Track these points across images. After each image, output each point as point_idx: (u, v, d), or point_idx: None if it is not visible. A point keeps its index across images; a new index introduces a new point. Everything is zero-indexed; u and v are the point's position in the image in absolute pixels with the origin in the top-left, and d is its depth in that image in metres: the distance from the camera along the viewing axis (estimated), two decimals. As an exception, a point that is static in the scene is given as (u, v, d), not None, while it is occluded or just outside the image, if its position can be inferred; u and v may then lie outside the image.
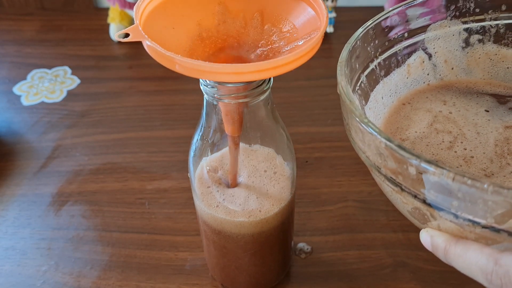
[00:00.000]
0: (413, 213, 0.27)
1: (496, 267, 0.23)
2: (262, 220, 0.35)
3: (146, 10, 0.30)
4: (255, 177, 0.36)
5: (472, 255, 0.24)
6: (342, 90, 0.27)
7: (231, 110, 0.32)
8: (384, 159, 0.25)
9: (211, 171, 0.36)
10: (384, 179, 0.26)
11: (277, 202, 0.36)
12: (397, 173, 0.24)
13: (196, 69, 0.26)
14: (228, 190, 0.36)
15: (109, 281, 0.44)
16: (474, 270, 0.24)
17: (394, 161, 0.24)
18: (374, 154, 0.25)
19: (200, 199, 0.36)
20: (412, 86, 0.36)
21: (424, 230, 0.27)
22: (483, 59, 0.37)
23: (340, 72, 0.28)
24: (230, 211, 0.35)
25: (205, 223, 0.38)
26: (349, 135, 0.29)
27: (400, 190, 0.25)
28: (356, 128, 0.26)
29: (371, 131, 0.24)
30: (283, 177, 0.36)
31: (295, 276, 0.45)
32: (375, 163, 0.26)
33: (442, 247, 0.25)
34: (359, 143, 0.27)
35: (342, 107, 0.28)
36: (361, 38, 0.31)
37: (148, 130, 0.61)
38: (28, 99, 0.67)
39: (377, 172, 0.26)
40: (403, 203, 0.27)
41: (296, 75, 0.67)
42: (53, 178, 0.55)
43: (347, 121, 0.28)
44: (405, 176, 0.24)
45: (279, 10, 0.32)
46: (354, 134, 0.27)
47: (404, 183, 0.24)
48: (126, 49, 0.77)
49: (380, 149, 0.24)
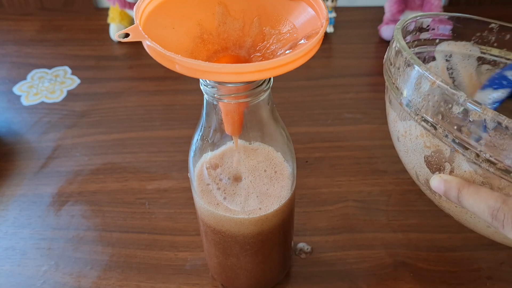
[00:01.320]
0: (431, 157, 0.31)
1: (503, 205, 0.26)
2: (262, 217, 0.35)
3: (146, 10, 0.30)
4: (255, 175, 0.36)
5: (483, 194, 0.27)
6: (400, 43, 0.32)
7: (231, 110, 0.32)
8: (428, 100, 0.29)
9: (211, 168, 0.36)
10: (420, 120, 0.30)
11: (277, 200, 0.36)
12: (437, 113, 0.29)
13: (196, 69, 0.26)
14: (228, 188, 0.36)
15: (109, 281, 0.44)
16: (482, 207, 0.27)
17: (442, 100, 0.28)
18: (418, 97, 0.30)
19: (200, 197, 0.36)
20: None
21: (436, 175, 0.30)
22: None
23: (397, 33, 0.34)
24: (230, 209, 0.35)
25: (205, 222, 0.38)
26: (390, 85, 0.33)
27: (434, 130, 0.29)
28: (404, 73, 0.31)
29: (422, 71, 0.29)
30: (283, 176, 0.36)
31: (295, 276, 0.45)
32: (417, 105, 0.30)
33: (456, 188, 0.29)
34: (404, 90, 0.31)
35: (392, 60, 0.33)
36: (408, 24, 0.37)
37: (148, 130, 0.61)
38: (28, 99, 0.67)
39: (414, 115, 0.30)
40: (425, 148, 0.31)
41: (296, 75, 0.67)
42: (53, 178, 0.55)
43: (395, 70, 0.32)
44: (444, 115, 0.28)
45: (279, 10, 0.32)
46: (401, 82, 0.32)
47: (442, 123, 0.28)
48: (126, 49, 0.77)
49: (428, 89, 0.29)
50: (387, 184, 0.53)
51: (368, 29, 0.80)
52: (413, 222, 0.49)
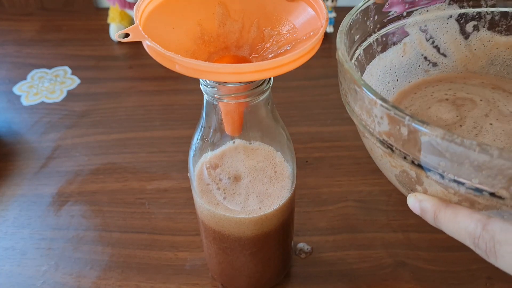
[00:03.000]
0: (400, 177, 0.27)
1: (483, 232, 0.23)
2: (262, 217, 0.35)
3: (146, 10, 0.30)
4: (255, 174, 0.36)
5: (462, 219, 0.24)
6: (340, 55, 0.28)
7: (231, 110, 0.32)
8: (377, 120, 0.25)
9: (211, 168, 0.36)
10: (376, 141, 0.27)
11: (276, 200, 0.36)
12: (389, 134, 0.25)
13: (196, 69, 0.26)
14: (228, 188, 0.36)
15: (109, 281, 0.44)
16: (463, 234, 0.24)
17: (388, 121, 0.25)
18: (368, 117, 0.26)
19: (200, 197, 0.36)
20: (407, 68, 0.37)
21: (412, 195, 0.27)
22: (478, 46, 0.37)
23: (340, 40, 0.29)
24: (230, 209, 0.35)
25: (205, 222, 0.38)
26: (344, 100, 0.30)
27: (390, 152, 0.26)
28: (352, 91, 0.27)
29: (367, 92, 0.25)
30: (283, 175, 0.36)
31: (295, 276, 0.45)
32: (368, 125, 0.27)
33: (432, 211, 0.26)
34: (354, 107, 0.28)
35: (339, 74, 0.29)
36: (362, 12, 0.33)
37: (148, 130, 0.61)
38: (28, 99, 0.67)
39: (369, 135, 0.27)
40: (392, 167, 0.28)
41: (296, 75, 0.67)
42: (53, 178, 0.55)
43: (344, 86, 0.29)
44: (396, 137, 0.25)
45: (279, 10, 0.32)
46: (350, 98, 0.28)
47: (395, 144, 0.25)
48: (126, 49, 0.77)
49: (375, 110, 0.25)
50: (387, 184, 0.53)
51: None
52: (413, 222, 0.49)
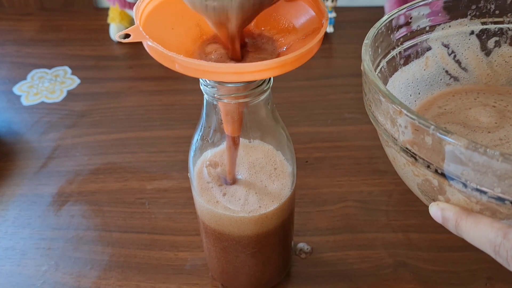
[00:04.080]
0: (423, 186, 0.28)
1: (504, 240, 0.24)
2: (262, 216, 0.35)
3: (145, 11, 0.30)
4: (254, 173, 0.36)
5: (483, 228, 0.25)
6: (366, 66, 0.29)
7: (231, 110, 0.32)
8: (402, 130, 0.26)
9: (211, 166, 0.36)
10: (399, 151, 0.27)
11: (276, 198, 0.36)
12: (413, 143, 0.26)
13: (196, 68, 0.26)
14: (228, 186, 0.36)
15: (109, 281, 0.44)
16: (484, 242, 0.25)
17: (412, 131, 0.25)
18: (392, 126, 0.27)
19: (200, 196, 0.36)
20: (429, 81, 0.37)
21: (434, 204, 0.28)
22: (499, 61, 0.38)
23: (365, 52, 0.30)
24: (230, 207, 0.35)
25: (205, 221, 0.38)
26: (368, 110, 0.30)
27: (414, 161, 0.27)
28: (377, 101, 0.28)
29: (392, 102, 0.26)
30: (283, 173, 0.36)
31: (295, 276, 0.45)
32: (392, 134, 0.27)
33: (453, 219, 0.27)
34: (378, 116, 0.29)
35: (364, 84, 0.30)
36: (386, 25, 0.33)
37: (148, 130, 0.61)
38: (28, 99, 0.67)
39: (393, 144, 0.28)
40: (414, 176, 0.28)
41: (296, 75, 0.67)
42: (53, 178, 0.55)
43: (368, 96, 0.29)
44: (420, 146, 0.25)
45: (279, 10, 0.32)
46: (374, 108, 0.29)
47: (419, 153, 0.26)
48: (126, 49, 0.77)
49: (399, 120, 0.26)
50: (388, 184, 0.53)
51: (368, 29, 0.79)
52: (414, 222, 0.49)
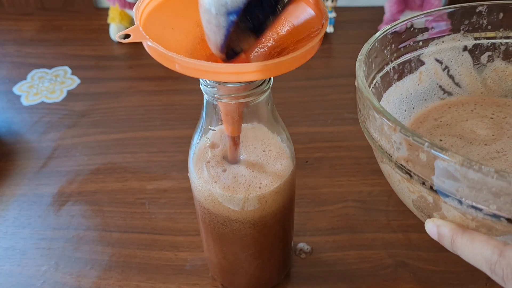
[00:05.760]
0: (418, 202, 0.28)
1: (500, 258, 0.23)
2: (260, 197, 0.35)
3: (145, 11, 0.30)
4: (255, 154, 0.36)
5: (478, 245, 0.25)
6: (360, 82, 0.29)
7: (231, 110, 0.32)
8: (396, 146, 0.26)
9: (211, 147, 0.36)
10: (394, 167, 0.27)
11: (276, 179, 0.35)
12: (408, 160, 0.26)
13: (196, 68, 0.26)
14: (227, 167, 0.35)
15: (109, 281, 0.44)
16: (479, 260, 0.24)
17: (407, 147, 0.25)
18: (387, 142, 0.27)
19: (197, 177, 0.35)
20: (423, 96, 0.37)
21: (429, 220, 0.28)
22: (491, 75, 0.38)
23: (359, 68, 0.30)
24: (229, 187, 0.34)
25: (203, 206, 0.37)
26: (363, 126, 0.30)
27: (409, 177, 0.26)
28: (372, 117, 0.27)
29: (386, 119, 0.26)
30: (283, 155, 0.36)
31: (295, 276, 0.45)
32: (387, 151, 0.27)
33: (449, 237, 0.26)
34: (373, 133, 0.28)
35: (358, 100, 0.30)
36: (379, 41, 0.33)
37: (148, 130, 0.61)
38: (28, 99, 0.67)
39: (388, 161, 0.27)
40: (410, 192, 0.28)
41: (296, 75, 0.67)
42: (53, 178, 0.55)
43: (363, 112, 0.29)
44: (415, 162, 0.25)
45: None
46: (369, 124, 0.28)
47: (414, 170, 0.26)
48: (126, 49, 0.77)
49: (394, 137, 0.26)
50: (387, 184, 0.52)
51: (368, 29, 0.80)
52: (413, 222, 0.49)
